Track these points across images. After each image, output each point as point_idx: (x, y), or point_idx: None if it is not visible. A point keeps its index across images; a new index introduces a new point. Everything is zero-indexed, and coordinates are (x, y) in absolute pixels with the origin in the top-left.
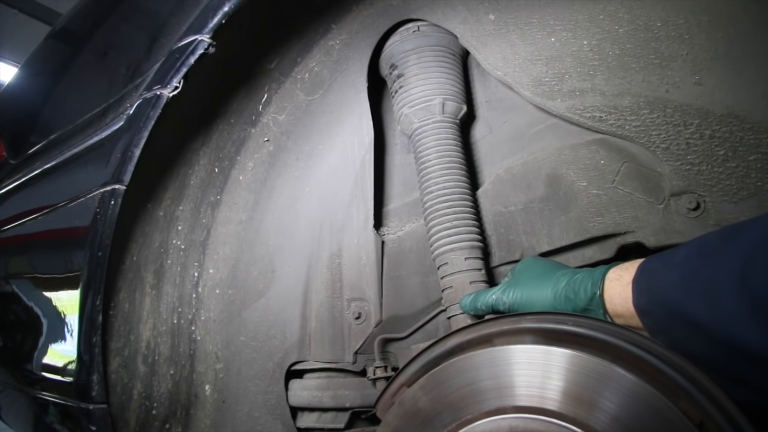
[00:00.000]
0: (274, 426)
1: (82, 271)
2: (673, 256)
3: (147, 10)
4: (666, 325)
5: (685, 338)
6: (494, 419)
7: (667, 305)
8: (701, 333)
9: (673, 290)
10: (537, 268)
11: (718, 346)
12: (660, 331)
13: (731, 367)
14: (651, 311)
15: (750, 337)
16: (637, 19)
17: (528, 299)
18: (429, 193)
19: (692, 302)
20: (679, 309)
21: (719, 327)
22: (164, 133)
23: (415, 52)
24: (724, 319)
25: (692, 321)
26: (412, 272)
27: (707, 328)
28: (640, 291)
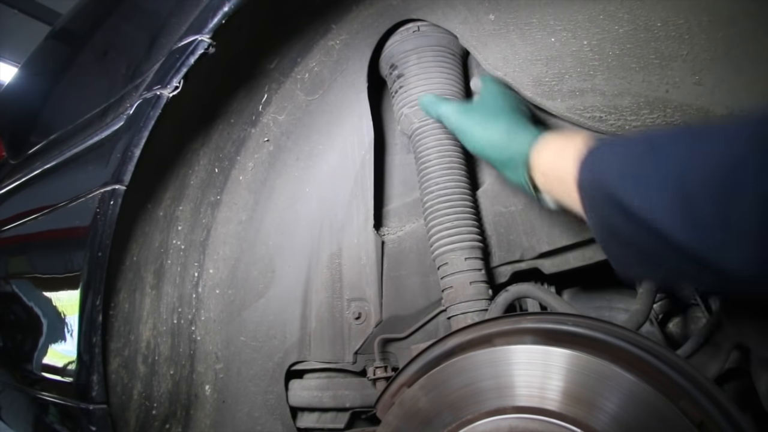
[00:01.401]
0: (274, 426)
1: (82, 271)
2: (620, 145)
3: (147, 10)
4: (600, 205)
5: (613, 220)
6: (494, 419)
7: (606, 188)
8: (630, 217)
9: (614, 173)
10: (490, 101)
11: (640, 230)
12: (593, 209)
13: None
14: (590, 192)
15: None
16: (637, 19)
17: (466, 134)
18: (429, 193)
19: (631, 193)
20: (615, 192)
21: (651, 220)
22: (164, 133)
23: (415, 52)
24: (656, 214)
25: (624, 205)
26: (412, 272)
27: (637, 213)
28: (585, 171)
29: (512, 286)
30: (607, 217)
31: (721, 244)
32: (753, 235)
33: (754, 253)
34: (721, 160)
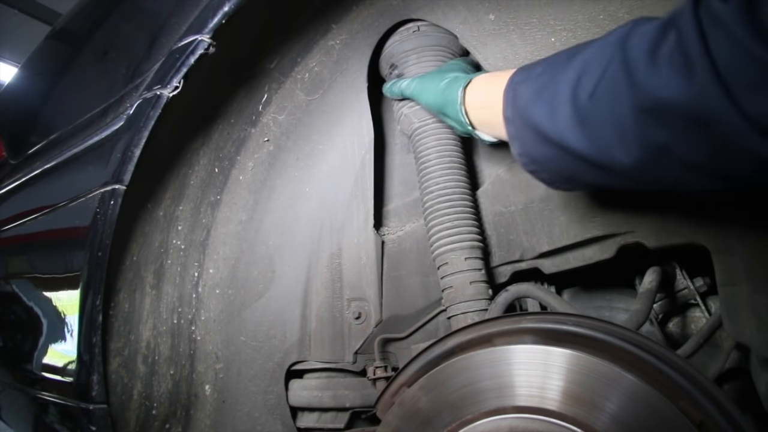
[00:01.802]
0: (274, 426)
1: (82, 271)
2: (533, 70)
3: (147, 10)
4: (521, 132)
5: (533, 144)
6: (494, 419)
7: (524, 114)
8: (543, 138)
9: (529, 100)
10: (445, 67)
11: (554, 149)
12: (517, 137)
13: (563, 167)
14: (513, 119)
15: (574, 140)
16: None
17: (418, 92)
18: (429, 193)
19: (539, 111)
20: (530, 117)
21: (555, 132)
22: (164, 133)
23: (415, 52)
24: (558, 126)
25: (538, 128)
26: (412, 272)
27: (547, 134)
28: (508, 102)
29: (512, 286)
30: (528, 140)
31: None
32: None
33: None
34: (597, 68)
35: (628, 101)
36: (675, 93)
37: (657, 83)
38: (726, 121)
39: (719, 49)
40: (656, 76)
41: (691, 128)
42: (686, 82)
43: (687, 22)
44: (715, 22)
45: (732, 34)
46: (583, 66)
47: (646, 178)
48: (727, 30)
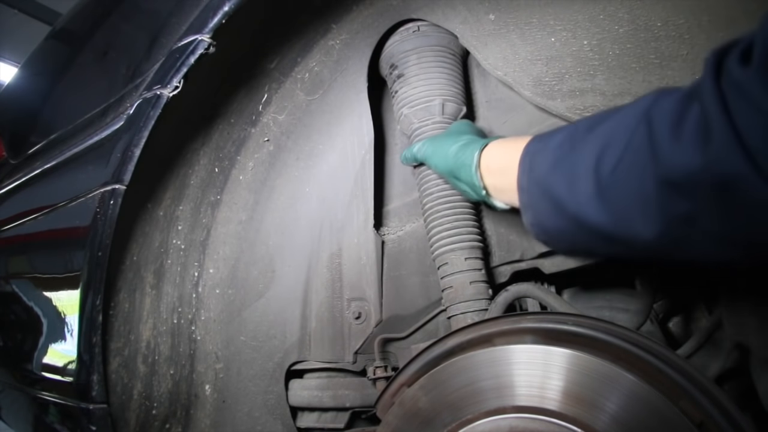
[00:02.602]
0: (274, 426)
1: (82, 271)
2: (550, 140)
3: (147, 10)
4: (535, 202)
5: (547, 215)
6: (494, 419)
7: (541, 184)
8: (560, 210)
9: (547, 171)
10: (454, 129)
11: (570, 221)
12: (530, 207)
13: (578, 239)
14: (528, 189)
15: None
16: (637, 19)
17: (430, 158)
18: (429, 194)
19: (557, 182)
20: (547, 188)
21: (573, 205)
22: (164, 133)
23: (415, 52)
24: (576, 198)
25: (555, 199)
26: (412, 272)
27: (564, 206)
28: (524, 171)
29: (512, 286)
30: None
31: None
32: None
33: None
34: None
35: (651, 174)
36: (698, 162)
37: (680, 155)
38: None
39: (742, 116)
40: (680, 148)
41: (714, 197)
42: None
43: (709, 93)
44: (737, 91)
45: (754, 100)
46: (604, 138)
47: (669, 251)
48: (750, 97)
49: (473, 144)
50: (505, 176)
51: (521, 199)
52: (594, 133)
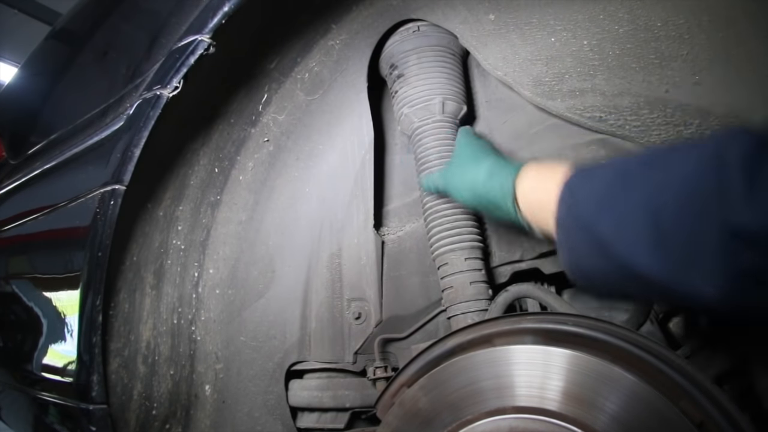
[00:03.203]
0: (274, 426)
1: (82, 271)
2: (595, 175)
3: (147, 10)
4: (575, 241)
5: (589, 256)
6: (494, 419)
7: (582, 222)
8: (604, 253)
9: (591, 209)
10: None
11: (616, 267)
12: (567, 246)
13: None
14: (566, 225)
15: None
16: (637, 19)
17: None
18: (429, 193)
19: (604, 222)
20: (590, 227)
21: (622, 249)
22: (164, 133)
23: (415, 52)
24: (627, 243)
25: (599, 239)
26: (412, 272)
27: (610, 249)
28: (563, 207)
29: (512, 286)
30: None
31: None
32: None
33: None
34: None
35: (720, 226)
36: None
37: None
38: None
39: None
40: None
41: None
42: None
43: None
44: None
45: None
46: (664, 179)
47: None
48: None
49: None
50: (542, 210)
51: (558, 236)
52: (651, 172)
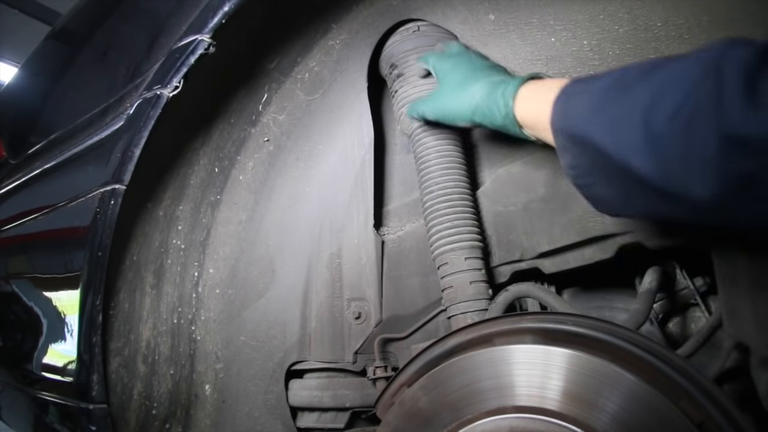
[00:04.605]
0: (274, 426)
1: (82, 271)
2: (594, 84)
3: (147, 10)
4: (573, 145)
5: (587, 160)
6: (494, 419)
7: (579, 128)
8: (601, 157)
9: (587, 116)
10: (457, 72)
11: (612, 169)
12: (566, 149)
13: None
14: (564, 131)
15: (641, 163)
16: (637, 19)
17: (449, 114)
18: (429, 193)
19: (600, 128)
20: (588, 133)
21: (617, 153)
22: (164, 133)
23: (416, 51)
24: (622, 146)
25: (597, 146)
26: (412, 272)
27: (607, 154)
28: (559, 112)
29: (512, 286)
30: (578, 156)
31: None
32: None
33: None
34: (680, 91)
35: (715, 130)
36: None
37: (753, 117)
38: None
39: None
40: (753, 109)
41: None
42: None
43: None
44: None
45: None
46: (659, 86)
47: (721, 212)
48: None
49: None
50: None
51: (556, 141)
52: (647, 80)
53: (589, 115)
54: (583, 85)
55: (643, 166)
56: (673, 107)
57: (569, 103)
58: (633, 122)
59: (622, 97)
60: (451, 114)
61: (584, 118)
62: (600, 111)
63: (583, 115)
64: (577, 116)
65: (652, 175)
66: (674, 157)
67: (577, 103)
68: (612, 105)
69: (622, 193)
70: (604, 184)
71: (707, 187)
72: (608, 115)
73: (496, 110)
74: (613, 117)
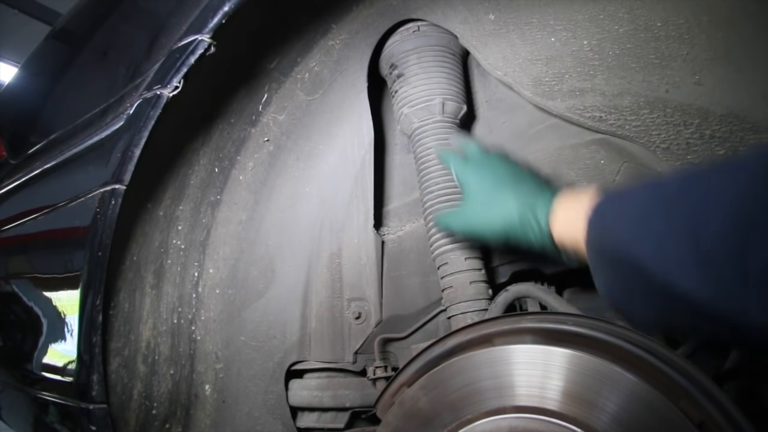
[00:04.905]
0: (274, 426)
1: (82, 271)
2: (629, 200)
3: (147, 10)
4: (611, 266)
5: (626, 282)
6: (494, 419)
7: (619, 249)
8: (644, 277)
9: (627, 235)
10: (483, 185)
11: (656, 290)
12: (603, 271)
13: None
14: (601, 253)
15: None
16: (637, 19)
17: (479, 233)
18: (429, 193)
19: (643, 248)
20: (627, 251)
21: (663, 272)
22: (164, 133)
23: (415, 51)
24: (668, 266)
25: (636, 264)
26: (412, 272)
27: (651, 274)
28: (593, 231)
29: (512, 286)
30: (617, 278)
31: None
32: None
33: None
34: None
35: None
36: None
37: None
38: None
39: None
40: None
41: None
42: None
43: None
44: None
45: None
46: (706, 198)
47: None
48: None
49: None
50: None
51: (592, 263)
52: (689, 192)
53: (629, 234)
54: (618, 202)
55: (691, 286)
56: (723, 221)
57: (605, 224)
58: (679, 239)
59: (664, 213)
60: (480, 234)
61: (624, 238)
62: (641, 229)
63: (623, 235)
64: (615, 237)
65: (701, 296)
66: (727, 276)
67: (614, 223)
68: (654, 222)
69: (665, 315)
70: (645, 306)
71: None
72: (650, 233)
73: (532, 234)
74: (655, 235)
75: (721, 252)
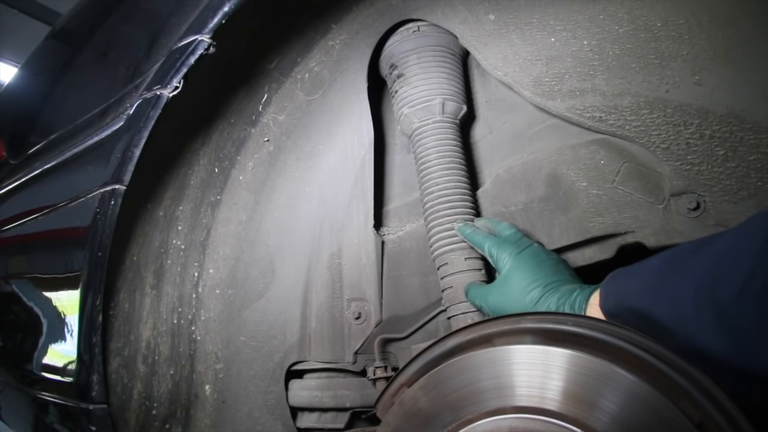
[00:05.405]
0: (274, 426)
1: (82, 271)
2: (642, 267)
3: (147, 10)
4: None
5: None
6: (494, 419)
7: (634, 310)
8: (665, 337)
9: (641, 297)
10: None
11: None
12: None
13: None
14: (618, 314)
15: (710, 343)
16: (637, 19)
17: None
18: (429, 193)
19: (659, 308)
20: (646, 314)
21: (683, 333)
22: (164, 133)
23: (415, 52)
24: (687, 326)
25: (658, 325)
26: (412, 272)
27: (671, 333)
28: (608, 295)
29: None
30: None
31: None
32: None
33: None
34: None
35: None
36: None
37: None
38: None
39: None
40: None
41: None
42: None
43: None
44: None
45: None
46: (719, 259)
47: None
48: None
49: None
50: None
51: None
52: (701, 255)
53: (644, 293)
54: (631, 270)
55: (711, 343)
56: (741, 280)
57: (619, 285)
58: (696, 299)
59: (678, 274)
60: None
61: (639, 296)
62: (656, 289)
63: (638, 293)
64: (630, 295)
65: (721, 352)
66: (748, 332)
67: (629, 284)
68: (667, 282)
69: None
70: None
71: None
72: (665, 292)
73: None
74: (670, 294)
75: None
